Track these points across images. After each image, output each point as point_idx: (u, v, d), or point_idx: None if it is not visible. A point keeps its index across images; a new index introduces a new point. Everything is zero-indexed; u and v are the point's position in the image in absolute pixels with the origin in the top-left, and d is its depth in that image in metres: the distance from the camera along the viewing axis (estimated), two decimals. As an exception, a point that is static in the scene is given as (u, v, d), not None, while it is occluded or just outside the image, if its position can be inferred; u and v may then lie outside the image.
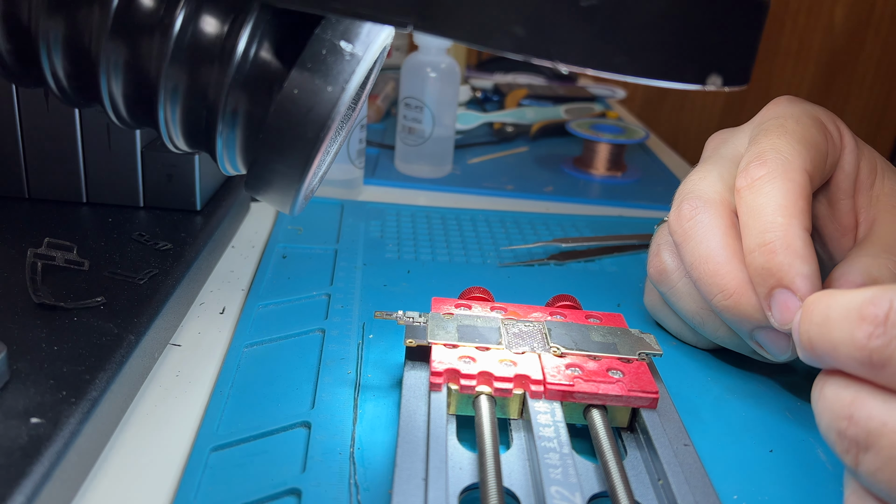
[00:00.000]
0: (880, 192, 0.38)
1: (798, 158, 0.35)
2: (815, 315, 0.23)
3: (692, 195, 0.37)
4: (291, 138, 0.26)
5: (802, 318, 0.23)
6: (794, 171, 0.34)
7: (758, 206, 0.34)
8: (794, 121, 0.37)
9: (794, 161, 0.34)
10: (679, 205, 0.37)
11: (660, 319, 0.42)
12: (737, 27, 0.22)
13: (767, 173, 0.34)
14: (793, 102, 0.39)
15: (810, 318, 0.23)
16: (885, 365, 0.21)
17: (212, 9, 0.26)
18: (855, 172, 0.38)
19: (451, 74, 0.64)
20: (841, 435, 0.22)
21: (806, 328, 0.23)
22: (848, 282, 0.33)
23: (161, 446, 0.30)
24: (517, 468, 0.28)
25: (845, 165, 0.38)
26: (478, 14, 0.21)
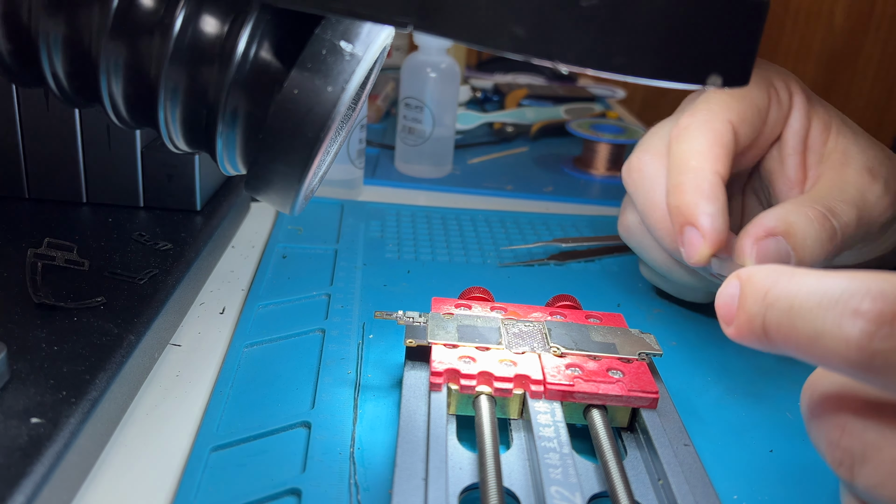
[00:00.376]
0: (832, 150, 0.39)
1: (725, 111, 0.37)
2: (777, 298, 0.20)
3: (639, 149, 0.40)
4: (291, 138, 0.26)
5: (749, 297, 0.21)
6: (717, 121, 0.37)
7: (679, 152, 0.37)
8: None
9: (720, 113, 0.37)
10: (629, 159, 0.41)
11: (651, 280, 0.45)
12: (737, 27, 0.22)
13: (692, 123, 0.37)
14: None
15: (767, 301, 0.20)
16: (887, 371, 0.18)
17: (212, 9, 0.26)
18: (804, 130, 0.40)
19: (451, 74, 0.64)
20: (833, 446, 0.20)
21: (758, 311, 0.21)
22: (760, 225, 0.34)
23: (161, 446, 0.30)
24: (517, 468, 0.28)
25: (794, 123, 0.40)
26: (478, 14, 0.21)
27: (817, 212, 0.35)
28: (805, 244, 0.34)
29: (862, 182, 0.37)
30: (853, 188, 0.37)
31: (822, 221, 0.35)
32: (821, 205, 0.35)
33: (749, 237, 0.35)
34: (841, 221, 0.35)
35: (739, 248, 0.35)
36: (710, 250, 0.35)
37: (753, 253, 0.34)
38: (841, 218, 0.35)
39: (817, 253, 0.35)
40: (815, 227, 0.35)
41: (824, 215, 0.35)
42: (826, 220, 0.35)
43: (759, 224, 0.35)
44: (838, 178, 0.37)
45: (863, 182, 0.37)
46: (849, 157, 0.38)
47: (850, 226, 0.36)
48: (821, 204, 0.35)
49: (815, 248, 0.35)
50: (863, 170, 0.38)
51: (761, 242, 0.34)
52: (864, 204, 0.36)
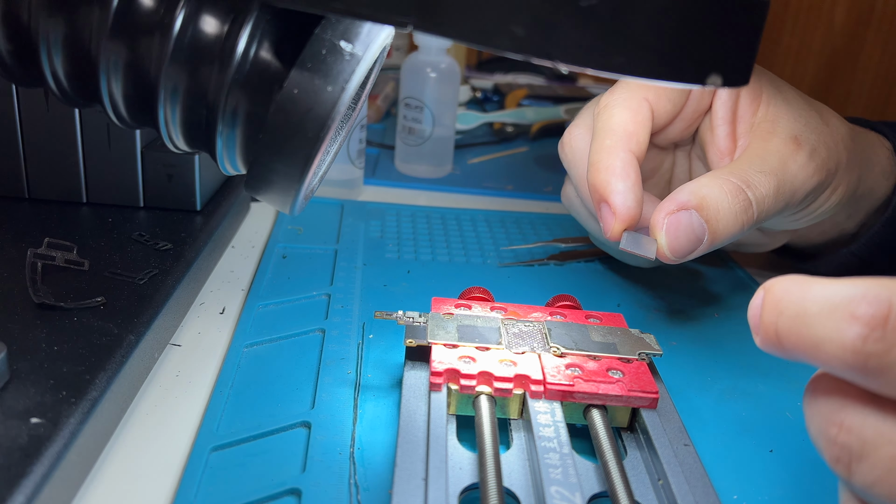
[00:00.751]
0: (762, 119, 0.39)
1: (642, 88, 0.39)
2: (787, 306, 0.21)
3: (573, 123, 0.42)
4: (291, 138, 0.26)
5: (766, 306, 0.21)
6: (633, 99, 0.39)
7: (597, 131, 0.39)
8: None
9: (637, 90, 0.39)
10: (564, 133, 0.42)
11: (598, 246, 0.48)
12: (737, 27, 0.22)
13: (610, 101, 0.39)
14: None
15: (779, 309, 0.21)
16: (881, 372, 0.19)
17: (212, 9, 0.26)
18: (734, 101, 0.40)
19: (451, 74, 0.64)
20: (830, 441, 0.20)
21: (772, 318, 0.21)
22: (673, 199, 0.35)
23: (161, 446, 0.30)
24: (517, 468, 0.28)
25: (722, 94, 0.41)
26: (478, 14, 0.21)
27: (732, 184, 0.35)
28: (717, 217, 0.35)
29: (785, 151, 0.37)
30: (775, 157, 0.37)
31: (736, 193, 0.35)
32: (736, 176, 0.36)
33: (661, 211, 0.36)
34: (757, 193, 0.36)
35: (652, 221, 0.36)
36: (621, 226, 0.36)
37: (664, 226, 0.35)
38: (757, 189, 0.36)
39: (731, 225, 0.35)
40: (728, 200, 0.35)
41: (738, 187, 0.35)
42: (740, 191, 0.35)
43: (671, 199, 0.36)
44: (762, 147, 0.38)
45: (786, 151, 0.37)
46: (777, 125, 0.39)
47: (767, 197, 0.36)
48: (737, 176, 0.36)
49: (728, 220, 0.35)
50: (788, 138, 0.38)
51: (673, 216, 0.35)
52: (784, 173, 0.37)
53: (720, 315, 0.45)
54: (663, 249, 0.35)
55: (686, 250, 0.35)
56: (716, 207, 0.35)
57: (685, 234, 0.35)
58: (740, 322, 0.44)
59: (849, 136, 0.41)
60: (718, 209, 0.35)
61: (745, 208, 0.35)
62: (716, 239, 0.35)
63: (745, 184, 0.36)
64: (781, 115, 0.39)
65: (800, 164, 0.37)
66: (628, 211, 0.36)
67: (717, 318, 0.44)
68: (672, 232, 0.35)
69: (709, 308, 0.45)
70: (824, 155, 0.38)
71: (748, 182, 0.36)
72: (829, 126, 0.40)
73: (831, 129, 0.40)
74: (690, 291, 0.47)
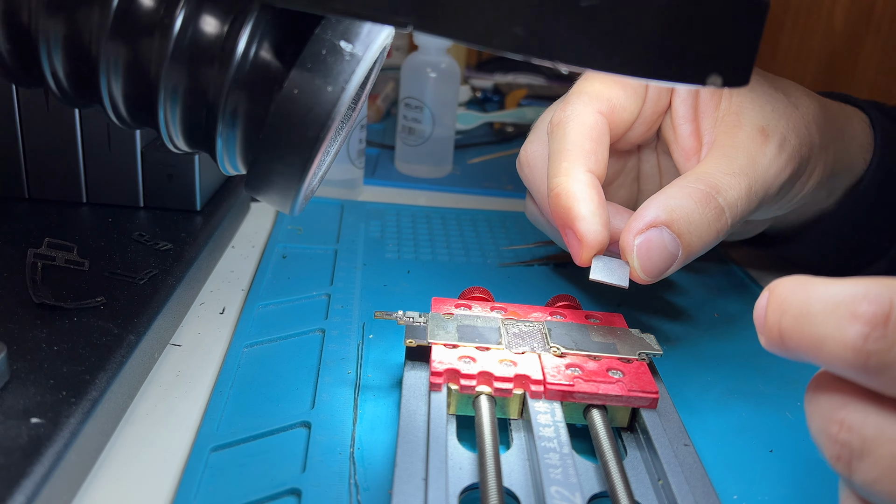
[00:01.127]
0: (726, 112, 0.37)
1: (594, 101, 0.37)
2: (790, 305, 0.21)
3: (529, 139, 0.41)
4: (291, 138, 0.26)
5: (770, 306, 0.21)
6: (586, 114, 0.37)
7: (552, 152, 0.37)
8: None
9: (590, 104, 0.37)
10: (521, 149, 0.41)
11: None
12: (737, 27, 0.22)
13: (563, 118, 0.37)
14: None
15: (782, 309, 0.21)
16: (882, 371, 0.19)
17: (212, 9, 0.26)
18: (693, 96, 0.39)
19: (451, 74, 0.64)
20: (831, 439, 0.20)
21: (776, 318, 0.21)
22: (640, 217, 0.34)
23: (161, 446, 0.30)
24: (517, 468, 0.28)
25: (681, 90, 0.39)
26: (478, 14, 0.21)
27: (700, 192, 0.34)
28: (690, 229, 0.33)
29: (753, 145, 0.36)
30: (743, 155, 0.35)
31: (707, 201, 0.34)
32: (704, 183, 0.34)
33: (630, 232, 0.34)
34: (728, 197, 0.34)
35: (622, 244, 0.34)
36: (590, 253, 0.35)
37: (635, 248, 0.34)
38: (728, 193, 0.34)
39: (705, 236, 0.34)
40: (699, 210, 0.34)
41: (708, 195, 0.34)
42: (710, 199, 0.34)
43: (639, 216, 0.34)
44: (728, 144, 0.36)
45: (754, 145, 0.36)
46: (742, 117, 0.37)
47: (739, 199, 0.34)
48: (704, 182, 0.34)
49: (701, 231, 0.34)
50: (754, 131, 0.36)
51: (642, 235, 0.33)
52: (754, 171, 0.35)
53: (720, 315, 0.45)
54: (637, 272, 0.34)
55: (660, 269, 0.34)
56: (687, 220, 0.33)
57: (658, 254, 0.33)
58: (740, 322, 0.44)
59: (821, 114, 0.39)
60: (690, 221, 0.33)
61: (717, 216, 0.34)
62: (691, 253, 0.34)
63: (715, 190, 0.34)
64: (745, 105, 0.37)
65: (770, 157, 0.36)
66: (595, 236, 0.34)
67: (717, 318, 0.44)
68: (644, 253, 0.33)
69: (709, 308, 0.45)
70: (795, 142, 0.37)
71: (717, 187, 0.34)
72: (798, 108, 0.38)
73: (801, 110, 0.38)
74: (690, 291, 0.47)
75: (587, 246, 0.34)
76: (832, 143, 0.40)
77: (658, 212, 0.34)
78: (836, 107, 0.43)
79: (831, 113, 0.42)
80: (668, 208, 0.34)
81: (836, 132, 0.41)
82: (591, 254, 0.35)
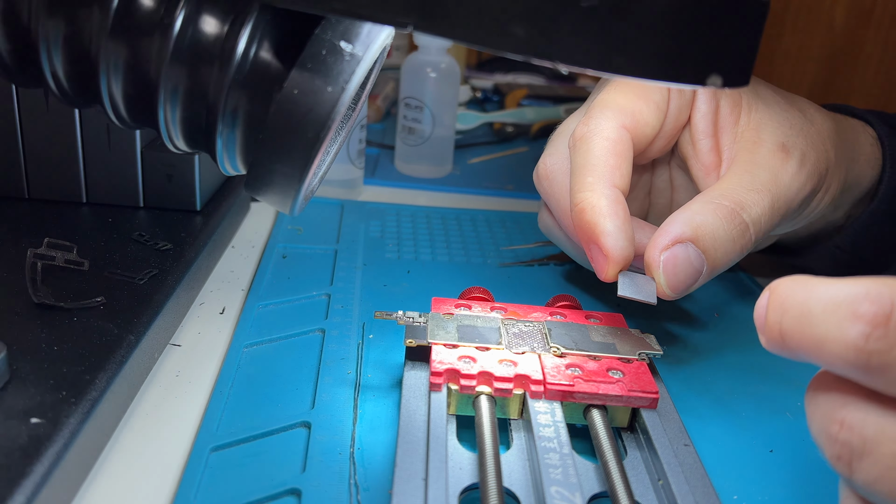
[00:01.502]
0: (745, 128, 0.38)
1: (618, 115, 0.37)
2: (791, 305, 0.21)
3: (547, 152, 0.40)
4: (291, 138, 0.26)
5: (771, 306, 0.21)
6: (609, 129, 0.36)
7: (576, 166, 0.36)
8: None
9: (613, 118, 0.37)
10: (539, 162, 0.40)
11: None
12: (737, 27, 0.22)
13: (587, 132, 0.37)
14: None
15: (783, 309, 0.21)
16: (884, 370, 0.19)
17: (212, 9, 0.26)
18: (713, 112, 0.38)
19: (451, 74, 0.64)
20: (831, 439, 0.21)
21: (776, 318, 0.21)
22: (666, 233, 0.34)
23: (161, 446, 0.30)
24: (517, 468, 0.28)
25: (701, 106, 0.39)
26: (478, 14, 0.21)
27: (725, 209, 0.34)
28: (715, 245, 0.34)
29: (774, 162, 0.36)
30: (765, 171, 0.36)
31: (731, 218, 0.34)
32: (729, 199, 0.34)
33: (656, 248, 0.34)
34: (753, 213, 0.34)
35: (647, 260, 0.34)
36: (616, 269, 0.34)
37: (661, 264, 0.33)
38: (752, 210, 0.34)
39: (730, 252, 0.34)
40: (724, 226, 0.34)
41: (733, 211, 0.34)
42: (735, 215, 0.34)
43: (664, 232, 0.34)
44: (750, 160, 0.36)
45: (775, 162, 0.36)
46: (762, 133, 0.37)
47: (763, 215, 0.35)
48: (729, 198, 0.34)
49: (726, 247, 0.34)
50: (775, 147, 0.36)
51: (668, 251, 0.33)
52: (777, 187, 0.35)
53: (720, 315, 0.45)
54: (663, 288, 0.34)
55: (686, 285, 0.34)
56: (712, 236, 0.33)
57: (684, 269, 0.33)
58: (740, 322, 0.44)
59: (834, 130, 0.40)
60: (715, 238, 0.34)
61: (742, 232, 0.34)
62: (716, 268, 0.34)
63: (739, 206, 0.34)
64: (765, 121, 0.37)
65: (791, 173, 0.36)
66: (621, 252, 0.34)
67: (717, 318, 0.44)
68: (670, 269, 0.33)
69: (709, 308, 0.45)
70: (814, 159, 0.37)
71: (742, 204, 0.34)
72: (814, 124, 0.38)
73: (816, 127, 0.39)
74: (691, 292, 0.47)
75: (613, 262, 0.34)
76: (844, 159, 0.41)
77: (683, 228, 0.33)
78: (844, 121, 0.44)
79: (842, 127, 0.42)
80: (693, 224, 0.33)
81: (847, 146, 0.41)
82: (617, 269, 0.34)
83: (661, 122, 0.38)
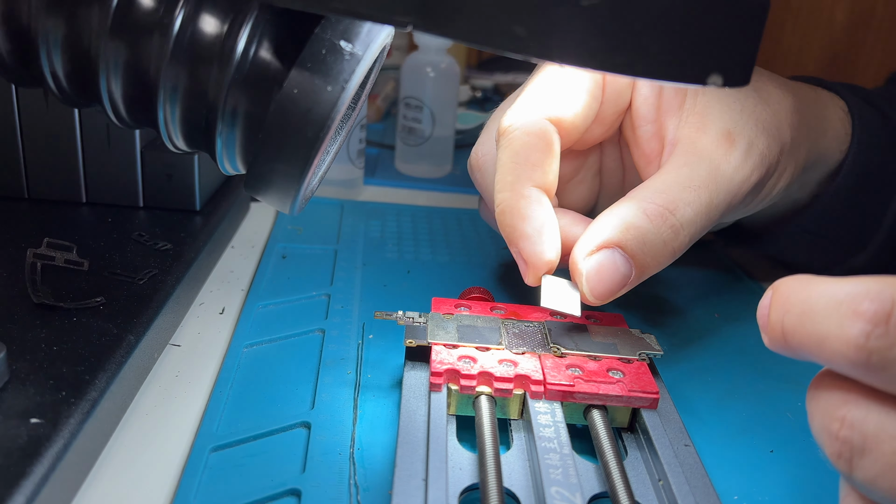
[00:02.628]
0: (690, 112, 0.35)
1: (543, 108, 0.35)
2: (793, 304, 0.21)
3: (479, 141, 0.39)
4: (291, 138, 0.26)
5: (773, 305, 0.21)
6: (532, 122, 0.34)
7: (498, 161, 0.34)
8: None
9: (538, 110, 0.34)
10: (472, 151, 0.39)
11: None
12: (737, 27, 0.22)
13: (509, 127, 0.35)
14: None
15: (785, 307, 0.21)
16: (884, 368, 0.19)
17: (211, 8, 0.26)
18: (656, 95, 0.36)
19: (450, 74, 0.64)
20: (832, 436, 0.20)
21: (778, 317, 0.21)
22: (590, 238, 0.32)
23: (161, 446, 0.30)
24: (517, 468, 0.28)
25: (642, 89, 0.36)
26: (478, 14, 0.21)
27: (655, 210, 0.32)
28: (644, 250, 0.32)
29: (717, 152, 0.34)
30: (705, 164, 0.33)
31: (662, 220, 0.32)
32: (661, 199, 0.32)
33: (580, 254, 0.32)
34: (685, 215, 0.32)
35: (571, 266, 0.33)
36: (534, 275, 0.33)
37: (585, 271, 0.32)
38: (685, 210, 0.32)
39: (660, 256, 0.32)
40: (653, 229, 0.32)
41: (663, 213, 0.32)
42: (665, 217, 0.32)
43: (590, 235, 0.32)
44: (691, 150, 0.34)
45: (718, 152, 0.34)
46: (707, 118, 0.35)
47: (698, 215, 0.33)
48: (661, 198, 0.32)
49: (655, 250, 0.32)
50: (720, 136, 0.34)
51: (593, 257, 0.32)
52: (717, 182, 0.33)
53: (720, 315, 0.45)
54: (587, 296, 0.32)
55: (612, 292, 0.32)
56: (640, 240, 0.32)
57: (609, 276, 0.32)
58: (740, 322, 0.44)
59: (793, 109, 0.37)
60: (644, 242, 0.32)
61: (673, 234, 0.32)
62: (645, 273, 0.32)
63: (671, 206, 0.32)
64: (711, 105, 0.35)
65: (734, 165, 0.34)
66: (539, 257, 0.33)
67: (717, 318, 0.44)
68: (594, 276, 0.32)
69: (709, 308, 0.45)
70: (763, 146, 0.34)
71: (674, 204, 0.32)
72: (769, 104, 0.36)
73: (772, 107, 0.36)
74: (690, 291, 0.47)
75: (531, 267, 0.33)
76: (805, 137, 0.39)
77: (610, 231, 0.32)
78: (810, 94, 0.41)
79: (808, 101, 0.40)
80: (620, 227, 0.32)
81: (811, 122, 0.39)
82: (538, 275, 0.33)
83: (595, 110, 0.36)
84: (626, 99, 0.37)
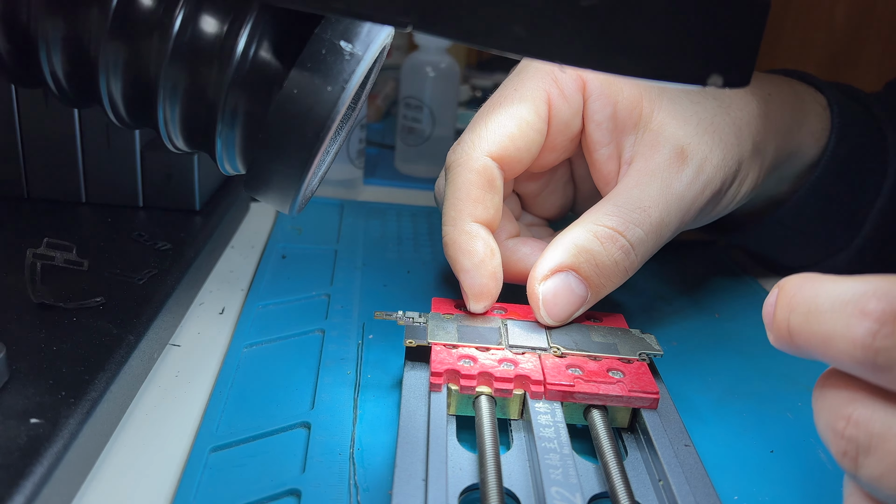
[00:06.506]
0: (645, 129, 0.36)
1: (484, 143, 0.35)
2: (799, 303, 0.21)
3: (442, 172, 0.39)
4: (291, 138, 0.26)
5: (779, 304, 0.22)
6: (474, 158, 0.35)
7: (445, 195, 0.36)
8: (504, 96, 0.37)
9: (479, 146, 0.35)
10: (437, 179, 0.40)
11: None
12: (737, 27, 0.22)
13: (454, 161, 0.36)
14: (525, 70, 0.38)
15: (791, 306, 0.21)
16: (891, 368, 0.19)
17: (211, 8, 0.26)
18: (609, 118, 0.36)
19: (450, 74, 0.64)
20: (838, 435, 0.21)
21: (784, 315, 0.21)
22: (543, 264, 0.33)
23: (161, 446, 0.30)
24: (517, 468, 0.28)
25: (594, 115, 0.37)
26: (478, 14, 0.21)
27: (605, 233, 0.33)
28: (597, 272, 0.33)
29: (669, 170, 0.34)
30: (656, 185, 0.34)
31: (613, 241, 0.33)
32: (611, 221, 0.34)
33: (535, 279, 0.34)
34: (635, 235, 0.34)
35: (528, 292, 0.34)
36: (477, 305, 0.35)
37: (541, 296, 0.33)
38: (635, 231, 0.34)
39: (613, 276, 0.34)
40: (604, 251, 0.33)
41: (613, 235, 0.33)
42: (615, 239, 0.33)
43: (543, 262, 0.34)
44: (643, 169, 0.35)
45: (670, 170, 0.34)
46: (661, 135, 0.35)
47: (649, 234, 0.34)
48: (611, 220, 0.34)
49: (608, 271, 0.34)
50: (672, 154, 0.35)
51: (547, 282, 0.33)
52: (667, 201, 0.34)
53: (720, 315, 0.45)
54: (544, 319, 0.34)
55: (568, 313, 0.34)
56: (593, 262, 0.33)
57: (565, 299, 0.33)
58: (741, 322, 0.44)
59: (758, 113, 0.38)
60: (596, 263, 0.33)
61: (625, 254, 0.33)
62: (600, 293, 0.34)
63: (622, 227, 0.33)
64: (666, 122, 0.36)
65: (685, 182, 0.34)
66: (479, 290, 0.34)
67: (717, 318, 0.44)
68: (550, 300, 0.33)
69: (709, 308, 0.45)
70: (717, 160, 0.35)
71: (623, 226, 0.33)
72: (730, 112, 0.37)
73: (733, 114, 0.37)
74: (690, 291, 0.47)
75: (472, 297, 0.34)
76: (773, 139, 0.39)
77: (563, 256, 0.33)
78: (786, 89, 0.41)
79: (778, 100, 0.40)
80: (572, 251, 0.33)
81: (781, 122, 0.39)
82: (480, 305, 0.35)
83: (540, 143, 0.37)
84: (577, 126, 0.37)
